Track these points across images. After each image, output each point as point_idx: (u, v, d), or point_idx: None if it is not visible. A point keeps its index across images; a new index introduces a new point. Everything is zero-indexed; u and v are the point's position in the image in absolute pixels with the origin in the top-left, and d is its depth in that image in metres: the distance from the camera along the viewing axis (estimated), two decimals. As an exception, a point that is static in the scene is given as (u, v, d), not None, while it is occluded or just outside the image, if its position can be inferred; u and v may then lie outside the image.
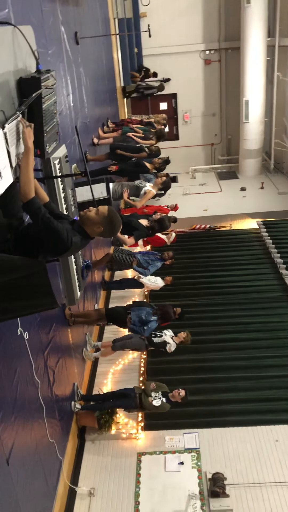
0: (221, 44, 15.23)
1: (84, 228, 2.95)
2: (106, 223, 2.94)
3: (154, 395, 5.76)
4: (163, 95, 16.03)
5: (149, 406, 5.70)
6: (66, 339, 5.81)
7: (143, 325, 6.29)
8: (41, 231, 2.72)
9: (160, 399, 5.72)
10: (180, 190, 13.93)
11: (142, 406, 5.75)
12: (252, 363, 7.22)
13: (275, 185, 14.20)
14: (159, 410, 5.73)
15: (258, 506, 5.16)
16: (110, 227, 2.97)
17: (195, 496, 5.28)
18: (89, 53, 8.58)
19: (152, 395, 5.77)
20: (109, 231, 3.00)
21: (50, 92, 3.01)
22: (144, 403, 5.72)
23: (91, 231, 2.96)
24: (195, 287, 9.27)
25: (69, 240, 2.77)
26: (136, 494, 5.34)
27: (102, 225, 2.93)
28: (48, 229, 2.71)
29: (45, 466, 4.58)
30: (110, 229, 2.98)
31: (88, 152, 7.88)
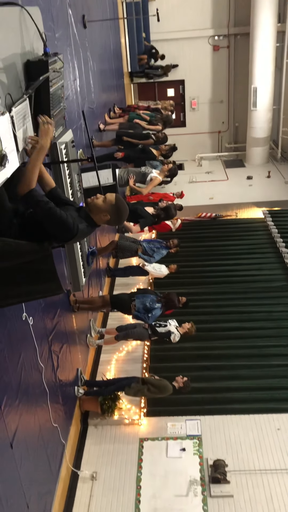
0: (230, 30, 15.00)
1: (90, 215, 2.92)
2: (113, 211, 2.91)
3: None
4: (171, 81, 15.87)
5: (151, 380, 5.74)
6: (71, 325, 5.83)
7: (147, 312, 6.30)
8: (45, 221, 2.69)
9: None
10: (186, 178, 13.84)
11: (144, 381, 5.78)
12: (255, 352, 7.24)
13: (282, 174, 14.08)
14: (160, 386, 5.72)
15: (258, 492, 5.21)
16: (117, 216, 2.94)
17: (196, 482, 5.32)
18: (97, 37, 8.47)
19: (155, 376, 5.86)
20: (116, 219, 2.97)
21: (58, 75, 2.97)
22: (146, 378, 5.77)
23: (98, 218, 2.94)
24: (199, 275, 9.26)
25: (75, 228, 2.73)
26: (138, 479, 5.40)
27: (109, 213, 2.91)
28: (51, 218, 2.67)
29: (48, 450, 4.63)
30: (117, 217, 2.95)
31: (94, 138, 7.83)
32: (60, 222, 2.68)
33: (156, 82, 15.90)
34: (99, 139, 8.43)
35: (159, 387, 5.76)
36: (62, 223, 2.68)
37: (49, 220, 2.67)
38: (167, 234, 9.85)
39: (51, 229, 2.71)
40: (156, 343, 7.24)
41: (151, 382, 5.77)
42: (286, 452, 5.64)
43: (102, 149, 8.32)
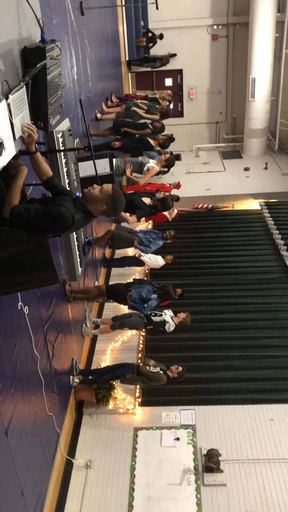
0: (230, 19, 14.86)
1: (87, 206, 2.91)
2: (110, 202, 2.90)
3: (152, 367, 5.85)
4: (169, 70, 15.73)
5: (146, 372, 5.77)
6: (66, 315, 5.83)
7: (143, 302, 6.30)
8: (37, 223, 2.66)
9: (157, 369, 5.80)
10: (183, 169, 13.79)
11: (139, 373, 5.81)
12: (250, 343, 7.28)
13: (279, 166, 14.06)
14: (155, 379, 5.77)
15: (251, 481, 5.27)
16: (113, 206, 2.93)
17: (189, 471, 5.38)
18: (94, 24, 8.38)
19: (150, 367, 5.86)
20: (113, 210, 2.96)
21: (55, 63, 2.94)
22: (142, 370, 5.79)
23: (94, 209, 2.92)
24: (195, 266, 9.27)
25: (69, 218, 2.72)
26: (132, 468, 5.44)
27: (106, 204, 2.89)
28: (42, 219, 2.65)
29: (43, 438, 4.66)
30: (113, 208, 2.94)
31: (91, 127, 7.77)
32: (51, 218, 2.66)
33: (154, 72, 15.76)
34: (96, 128, 8.38)
35: (153, 379, 5.79)
36: (54, 218, 2.66)
37: (41, 221, 2.65)
38: (163, 225, 9.84)
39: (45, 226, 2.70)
40: (151, 333, 7.27)
41: (145, 374, 5.80)
42: (278, 442, 5.69)
43: (98, 138, 8.27)
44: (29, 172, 3.37)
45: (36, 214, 2.61)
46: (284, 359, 6.96)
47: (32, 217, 2.60)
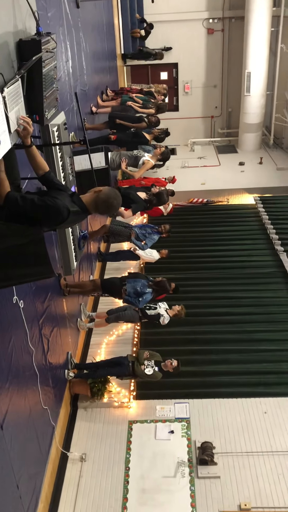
0: (225, 13, 14.80)
1: (83, 202, 2.90)
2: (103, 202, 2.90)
3: (146, 364, 5.85)
4: (164, 64, 15.67)
5: (141, 374, 5.79)
6: (61, 309, 5.84)
7: (138, 296, 6.32)
8: (32, 212, 2.66)
9: (152, 368, 5.82)
10: (179, 163, 13.78)
11: (135, 374, 5.84)
12: (244, 337, 7.32)
13: (274, 161, 14.08)
14: (151, 378, 5.82)
15: (244, 473, 5.32)
16: (106, 205, 2.93)
17: (183, 464, 5.42)
18: (90, 17, 8.33)
19: (144, 363, 5.86)
20: (106, 209, 2.96)
21: (51, 56, 2.93)
22: (137, 370, 5.80)
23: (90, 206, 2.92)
24: (190, 260, 9.30)
25: (64, 212, 2.71)
26: (127, 460, 5.48)
27: (100, 203, 2.89)
28: (37, 208, 2.64)
29: (38, 432, 4.67)
30: (106, 207, 2.94)
31: (86, 121, 7.75)
32: (47, 209, 2.66)
33: (149, 65, 15.70)
34: (91, 122, 8.34)
35: (149, 377, 5.82)
36: (49, 209, 2.66)
37: (36, 212, 2.65)
38: (158, 219, 9.84)
39: (40, 217, 2.69)
40: (146, 327, 7.29)
41: (141, 376, 5.82)
42: (272, 435, 5.74)
43: (94, 132, 8.24)
44: (24, 166, 3.36)
45: (32, 204, 2.61)
46: (277, 353, 7.01)
47: (28, 207, 2.60)
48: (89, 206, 2.88)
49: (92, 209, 2.90)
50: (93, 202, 2.87)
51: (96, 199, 2.87)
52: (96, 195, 2.87)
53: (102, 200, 2.87)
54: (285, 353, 7.00)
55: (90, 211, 2.93)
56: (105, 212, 2.95)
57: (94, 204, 2.87)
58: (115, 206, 2.94)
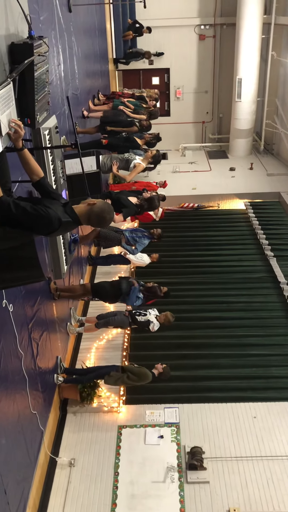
0: (217, 20, 14.93)
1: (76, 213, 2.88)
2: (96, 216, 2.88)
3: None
4: (156, 69, 15.75)
5: (130, 367, 5.78)
6: (51, 313, 5.81)
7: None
8: (22, 220, 2.62)
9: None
10: (170, 168, 13.83)
11: (124, 370, 5.81)
12: (234, 342, 7.34)
13: (264, 166, 14.18)
14: (140, 373, 5.77)
15: (234, 478, 5.31)
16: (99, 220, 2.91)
17: (173, 469, 5.40)
18: (82, 22, 8.35)
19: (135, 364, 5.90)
20: (98, 223, 2.94)
21: (43, 59, 2.93)
22: (126, 366, 5.80)
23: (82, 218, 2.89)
24: (181, 265, 9.31)
25: (55, 222, 2.67)
26: (116, 466, 5.45)
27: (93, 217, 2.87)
28: (28, 217, 2.61)
29: (27, 437, 4.63)
30: (99, 221, 2.92)
31: (77, 124, 7.74)
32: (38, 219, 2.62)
33: (141, 70, 15.77)
34: (83, 126, 8.34)
35: (139, 375, 5.79)
36: (41, 219, 2.63)
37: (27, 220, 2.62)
38: (149, 224, 9.85)
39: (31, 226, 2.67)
40: (136, 332, 7.28)
41: (130, 370, 5.80)
42: (261, 440, 5.75)
43: (85, 136, 8.24)
44: (15, 169, 3.35)
45: (24, 212, 2.58)
46: (267, 357, 7.04)
47: (19, 214, 2.57)
48: (82, 218, 2.86)
49: (84, 221, 2.88)
50: (86, 215, 2.85)
51: (89, 212, 2.84)
52: (89, 208, 2.84)
53: (96, 213, 2.84)
54: (274, 358, 7.03)
55: (82, 222, 2.91)
56: (97, 225, 2.93)
57: (87, 216, 2.85)
58: (108, 221, 2.93)
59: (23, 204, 2.60)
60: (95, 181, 5.29)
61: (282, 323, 7.75)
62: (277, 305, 8.19)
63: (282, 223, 11.11)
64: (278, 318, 7.85)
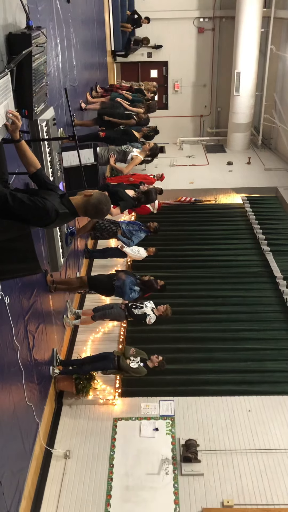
0: (216, 12, 14.84)
1: (73, 204, 2.87)
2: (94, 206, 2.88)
3: (132, 359, 5.87)
4: (154, 62, 15.67)
5: (126, 367, 5.79)
6: (47, 305, 5.81)
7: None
8: (19, 212, 2.60)
9: (137, 363, 5.83)
10: (167, 161, 13.80)
11: (120, 368, 5.84)
12: (229, 335, 7.37)
13: (262, 161, 14.17)
14: (135, 373, 5.82)
15: (228, 471, 5.36)
16: (97, 211, 2.90)
17: (167, 461, 5.44)
18: (80, 13, 8.28)
19: (130, 358, 5.88)
20: (95, 214, 2.93)
21: (41, 50, 2.91)
22: (122, 364, 5.81)
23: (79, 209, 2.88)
24: (177, 259, 9.32)
25: (52, 213, 2.66)
26: (111, 458, 5.48)
27: (90, 207, 2.87)
28: (25, 209, 2.59)
29: (22, 428, 4.65)
30: (96, 212, 2.92)
31: (75, 117, 7.71)
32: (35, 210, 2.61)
33: (139, 63, 15.68)
34: (80, 118, 8.31)
35: (134, 372, 5.83)
36: (38, 210, 2.61)
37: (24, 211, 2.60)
38: (146, 217, 9.85)
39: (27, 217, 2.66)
40: (132, 325, 7.30)
41: (126, 369, 5.82)
42: (255, 433, 5.80)
43: (83, 129, 8.20)
44: (12, 160, 3.34)
45: (20, 203, 2.57)
46: (262, 351, 7.07)
47: (16, 206, 2.56)
48: (79, 209, 2.85)
49: (81, 212, 2.87)
50: (83, 206, 2.85)
51: (86, 204, 2.84)
52: (86, 199, 2.84)
53: (93, 205, 2.84)
54: (269, 352, 7.07)
55: (79, 214, 2.90)
56: (94, 216, 2.93)
57: (84, 208, 2.85)
58: (105, 212, 2.93)
59: (19, 195, 2.59)
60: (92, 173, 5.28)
61: (278, 318, 7.78)
62: (273, 299, 8.22)
63: (279, 218, 11.12)
64: (274, 313, 7.89)
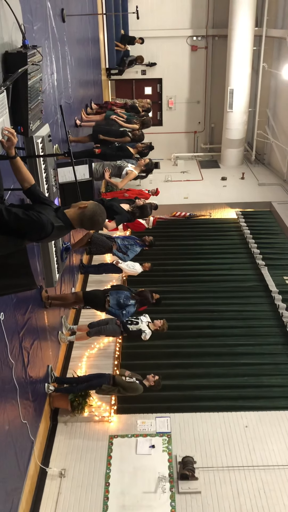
0: (209, 31, 15.12)
1: (68, 217, 2.88)
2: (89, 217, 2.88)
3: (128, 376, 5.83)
4: (148, 79, 15.88)
5: (122, 382, 5.74)
6: (42, 321, 5.78)
7: (121, 308, 6.29)
8: (14, 225, 2.61)
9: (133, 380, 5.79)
10: (162, 177, 13.89)
11: (115, 383, 5.78)
12: (225, 350, 7.34)
13: (256, 176, 14.29)
14: (131, 388, 5.76)
15: (225, 488, 5.29)
16: (92, 221, 2.90)
17: (164, 479, 5.37)
18: (75, 32, 8.40)
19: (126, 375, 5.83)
20: (91, 225, 2.93)
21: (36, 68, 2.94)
22: (117, 379, 5.76)
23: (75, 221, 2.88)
24: (172, 274, 9.32)
25: (48, 226, 2.67)
26: (107, 476, 5.40)
27: (85, 218, 2.87)
28: (21, 223, 2.60)
29: (17, 447, 4.58)
30: (91, 223, 2.91)
31: (70, 133, 7.77)
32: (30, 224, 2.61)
33: (133, 80, 15.89)
34: (75, 134, 8.37)
35: (130, 389, 5.77)
36: (33, 224, 2.62)
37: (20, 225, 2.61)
38: (141, 233, 9.87)
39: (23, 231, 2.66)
40: (127, 340, 7.26)
41: (121, 385, 5.77)
42: (253, 449, 5.74)
43: (78, 145, 8.26)
44: (7, 176, 3.35)
45: (16, 217, 2.57)
46: (258, 366, 7.04)
47: (11, 220, 2.56)
48: (74, 221, 2.85)
49: (76, 224, 2.87)
50: (78, 218, 2.85)
51: (81, 215, 2.84)
52: (81, 211, 2.84)
53: (88, 216, 2.84)
54: (266, 367, 7.04)
55: (75, 226, 2.91)
56: (90, 228, 2.94)
57: (79, 220, 2.85)
58: (101, 223, 2.94)
59: (15, 210, 2.60)
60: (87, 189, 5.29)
61: (273, 332, 7.77)
62: (268, 314, 8.21)
63: (273, 232, 11.18)
64: (269, 327, 7.87)
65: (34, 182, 2.91)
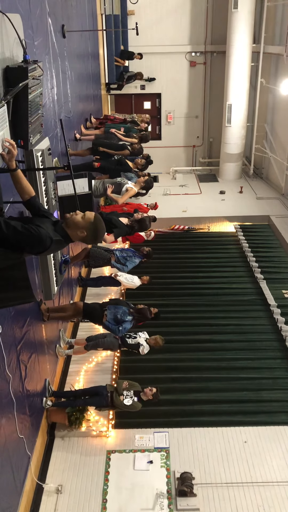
0: (207, 47, 15.33)
1: (66, 230, 2.88)
2: (91, 229, 2.88)
3: (126, 394, 5.75)
4: (148, 94, 16.05)
5: (120, 405, 5.69)
6: (40, 335, 5.75)
7: (118, 324, 6.27)
8: (13, 239, 2.62)
9: (131, 398, 5.72)
10: (160, 190, 13.95)
11: (114, 405, 5.73)
12: (224, 365, 7.29)
13: (254, 190, 14.37)
14: (130, 409, 5.73)
15: (224, 505, 5.21)
16: (94, 234, 2.90)
17: (162, 495, 5.29)
18: (75, 47, 8.51)
19: (124, 393, 5.76)
20: (92, 237, 2.93)
21: (37, 83, 2.97)
22: (116, 401, 5.70)
23: (74, 234, 2.88)
24: (171, 287, 9.31)
25: (47, 241, 2.68)
26: (104, 492, 5.32)
27: (86, 231, 2.87)
28: (19, 237, 2.61)
29: (13, 462, 4.52)
30: (93, 235, 2.92)
31: (69, 147, 7.82)
32: (29, 238, 2.62)
33: (133, 95, 16.06)
34: (75, 148, 8.43)
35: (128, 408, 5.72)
36: (32, 238, 2.62)
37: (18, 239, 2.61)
38: (140, 245, 9.87)
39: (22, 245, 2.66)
40: (125, 354, 7.22)
41: (119, 407, 5.72)
42: (252, 465, 5.67)
43: (77, 159, 8.31)
44: (6, 189, 3.36)
45: (14, 231, 2.57)
46: (257, 381, 6.99)
47: (10, 233, 2.56)
48: (73, 236, 2.87)
49: (75, 238, 2.89)
50: (81, 229, 2.86)
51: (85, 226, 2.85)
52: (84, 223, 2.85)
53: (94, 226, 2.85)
54: (265, 381, 6.99)
55: (73, 240, 2.91)
56: (91, 242, 2.94)
57: (83, 230, 2.86)
58: (101, 237, 2.95)
59: (13, 223, 2.60)
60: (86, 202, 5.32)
61: (272, 346, 7.73)
62: (267, 328, 8.19)
63: (272, 246, 11.20)
64: (268, 341, 7.84)
65: (34, 194, 2.93)
